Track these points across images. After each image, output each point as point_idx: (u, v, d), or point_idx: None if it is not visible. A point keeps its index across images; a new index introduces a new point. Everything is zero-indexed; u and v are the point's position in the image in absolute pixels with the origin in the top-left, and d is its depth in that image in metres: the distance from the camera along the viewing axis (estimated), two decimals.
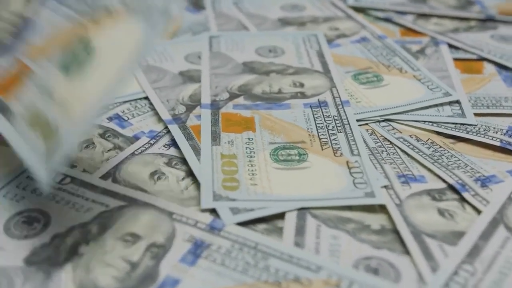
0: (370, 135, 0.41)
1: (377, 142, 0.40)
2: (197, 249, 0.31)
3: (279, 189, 0.35)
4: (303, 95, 0.44)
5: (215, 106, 0.42)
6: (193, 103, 0.43)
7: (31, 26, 0.34)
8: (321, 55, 0.49)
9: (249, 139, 0.39)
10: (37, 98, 0.31)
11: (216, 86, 0.45)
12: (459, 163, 0.38)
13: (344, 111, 0.42)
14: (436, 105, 0.44)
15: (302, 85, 0.45)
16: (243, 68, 0.47)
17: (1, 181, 0.35)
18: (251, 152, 0.38)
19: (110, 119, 0.42)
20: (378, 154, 0.39)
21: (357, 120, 0.41)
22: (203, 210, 0.34)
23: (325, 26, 0.55)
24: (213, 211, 0.34)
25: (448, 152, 0.39)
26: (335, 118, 0.41)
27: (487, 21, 0.57)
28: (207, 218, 0.33)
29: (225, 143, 0.39)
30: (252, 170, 0.36)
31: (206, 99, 0.43)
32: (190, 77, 0.46)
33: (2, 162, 0.37)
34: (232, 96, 0.44)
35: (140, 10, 0.31)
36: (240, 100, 0.43)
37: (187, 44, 0.51)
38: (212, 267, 0.30)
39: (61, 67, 0.31)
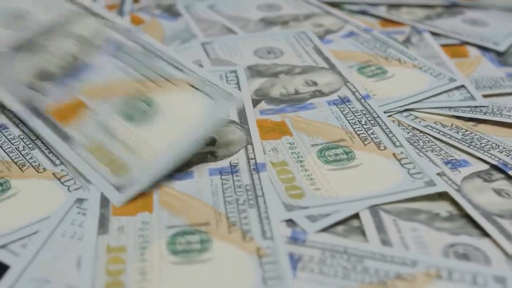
0: (398, 126, 0.42)
1: (408, 132, 0.41)
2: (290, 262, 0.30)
3: (343, 190, 0.35)
4: (321, 93, 0.44)
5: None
6: None
7: (86, 68, 0.38)
8: (319, 52, 0.49)
9: (290, 143, 0.39)
10: (98, 133, 0.34)
11: None
12: (491, 144, 0.40)
13: (369, 105, 0.42)
14: (445, 91, 0.45)
15: (315, 83, 0.45)
16: (250, 72, 0.47)
17: None
18: (298, 156, 0.38)
19: None
20: (416, 143, 0.40)
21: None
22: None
23: (308, 23, 0.55)
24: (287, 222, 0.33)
25: (476, 134, 0.41)
26: (363, 112, 0.42)
27: (452, 7, 0.60)
28: (286, 230, 0.32)
29: (269, 151, 0.38)
30: (308, 175, 0.36)
31: None
32: None
33: None
34: (253, 102, 0.43)
35: (205, 89, 0.36)
36: (263, 105, 0.43)
37: (182, 53, 0.49)
38: (313, 277, 0.30)
39: (123, 114, 0.35)
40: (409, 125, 0.42)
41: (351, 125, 0.40)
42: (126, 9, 0.57)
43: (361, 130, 0.40)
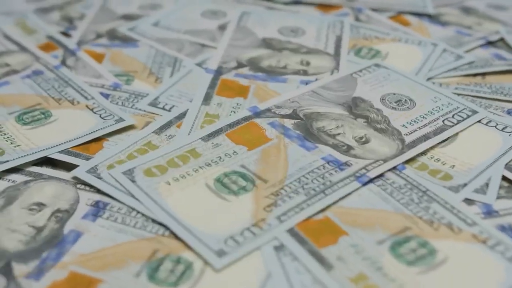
0: None
1: None
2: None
3: (472, 160, 0.38)
4: (304, 73, 0.46)
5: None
6: None
7: None
8: (338, 40, 0.51)
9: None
10: None
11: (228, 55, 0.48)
12: None
13: None
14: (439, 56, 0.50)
15: (308, 63, 0.47)
16: (261, 44, 0.50)
17: None
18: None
19: None
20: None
21: None
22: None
23: None
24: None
25: (496, 85, 0.47)
26: None
27: None
28: (471, 209, 0.34)
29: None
30: (431, 156, 0.38)
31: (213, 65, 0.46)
32: None
33: None
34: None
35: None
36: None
37: (192, 80, 0.46)
38: None
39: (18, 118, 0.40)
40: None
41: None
42: (70, 47, 0.50)
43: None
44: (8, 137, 0.39)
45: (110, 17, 0.56)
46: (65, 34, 0.53)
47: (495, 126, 0.41)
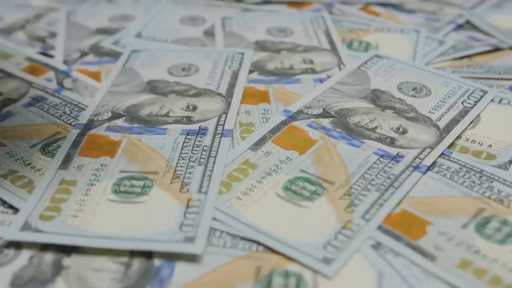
0: None
1: None
2: None
3: (506, 137, 0.40)
4: (313, 71, 0.47)
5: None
6: None
7: None
8: (328, 35, 0.51)
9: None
10: None
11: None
12: (503, 68, 0.49)
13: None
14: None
15: (311, 61, 0.48)
16: (255, 47, 0.50)
17: None
18: None
19: None
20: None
21: None
22: None
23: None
24: None
25: (485, 65, 0.50)
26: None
27: None
28: None
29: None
30: (474, 140, 0.40)
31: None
32: None
33: None
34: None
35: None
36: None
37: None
38: None
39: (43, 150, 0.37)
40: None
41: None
42: (60, 68, 0.47)
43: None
44: (42, 174, 0.36)
45: (84, 32, 0.53)
46: (45, 54, 0.50)
47: (508, 103, 0.43)
